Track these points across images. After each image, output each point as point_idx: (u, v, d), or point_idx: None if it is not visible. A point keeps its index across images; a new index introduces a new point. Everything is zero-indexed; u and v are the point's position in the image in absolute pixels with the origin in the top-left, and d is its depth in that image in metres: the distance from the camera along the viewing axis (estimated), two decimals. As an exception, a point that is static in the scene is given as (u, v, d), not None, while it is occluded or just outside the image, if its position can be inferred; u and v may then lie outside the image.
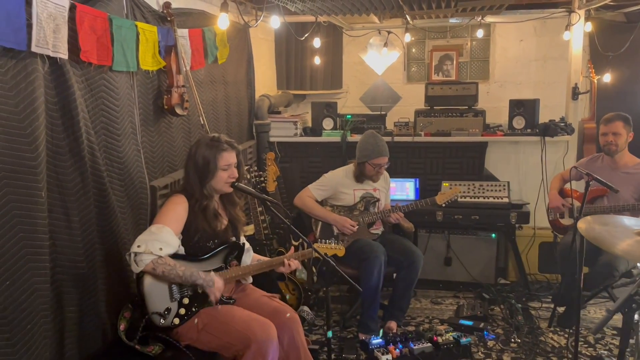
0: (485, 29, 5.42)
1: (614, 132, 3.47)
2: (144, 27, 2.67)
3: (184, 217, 2.40)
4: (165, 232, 2.30)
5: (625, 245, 2.36)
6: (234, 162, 2.50)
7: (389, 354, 3.23)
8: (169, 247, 2.29)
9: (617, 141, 3.47)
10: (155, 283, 2.32)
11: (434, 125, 4.70)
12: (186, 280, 2.32)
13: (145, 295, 2.30)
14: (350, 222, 3.65)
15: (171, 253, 2.31)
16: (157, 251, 2.23)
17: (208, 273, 2.39)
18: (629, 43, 4.45)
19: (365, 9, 3.58)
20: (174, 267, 2.28)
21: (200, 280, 2.34)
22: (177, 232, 2.37)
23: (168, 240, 2.29)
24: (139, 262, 2.21)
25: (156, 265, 2.24)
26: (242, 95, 4.40)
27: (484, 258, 4.33)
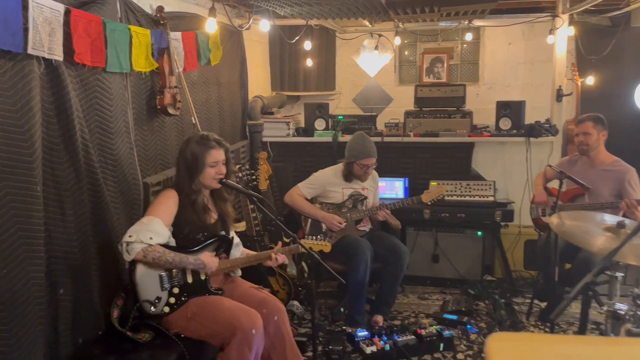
0: (475, 32, 5.55)
1: (584, 132, 3.59)
2: (137, 30, 2.79)
3: (174, 210, 2.53)
4: (155, 223, 2.43)
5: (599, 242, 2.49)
6: (222, 159, 2.62)
7: (374, 345, 3.34)
8: (159, 237, 2.42)
9: (587, 141, 3.59)
10: (146, 273, 2.44)
11: (423, 126, 4.82)
12: (176, 265, 2.45)
13: (137, 284, 2.43)
14: (338, 219, 3.76)
15: (161, 243, 2.44)
16: (148, 240, 2.37)
17: (196, 256, 2.51)
18: (612, 46, 4.57)
19: (352, 13, 3.71)
20: (163, 253, 2.41)
21: (191, 265, 2.48)
22: (167, 224, 2.49)
23: (158, 230, 2.42)
24: (130, 250, 2.34)
25: (146, 253, 2.37)
26: (236, 96, 4.52)
27: (471, 255, 4.45)
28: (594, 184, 3.55)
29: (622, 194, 3.52)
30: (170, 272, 2.50)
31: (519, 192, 4.58)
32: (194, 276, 2.56)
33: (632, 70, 4.83)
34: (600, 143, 3.62)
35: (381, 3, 3.27)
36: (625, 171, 3.54)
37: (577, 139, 3.67)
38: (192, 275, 2.55)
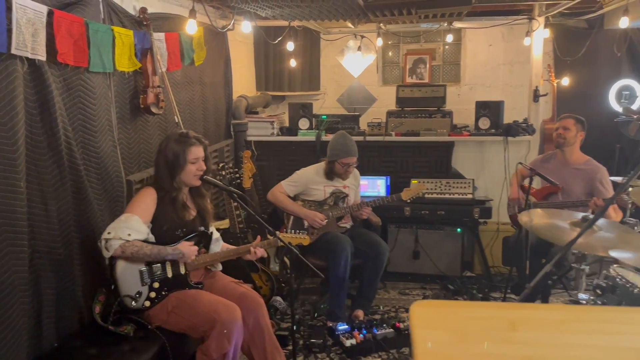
0: (456, 34, 5.67)
1: (563, 127, 3.71)
2: (120, 31, 2.86)
3: (153, 208, 2.60)
4: (133, 220, 2.50)
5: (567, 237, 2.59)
6: (202, 156, 2.70)
7: (353, 339, 3.44)
8: (137, 234, 2.49)
9: (565, 135, 3.71)
10: (127, 268, 2.51)
11: (404, 125, 4.92)
12: (154, 256, 2.52)
13: (117, 280, 2.50)
14: (319, 216, 3.84)
15: (140, 239, 2.51)
16: (126, 236, 2.44)
17: (175, 246, 2.58)
18: (586, 48, 4.70)
19: (332, 15, 3.80)
20: (141, 247, 2.48)
21: (169, 256, 2.55)
22: (145, 221, 2.56)
23: (136, 227, 2.49)
24: (109, 247, 2.42)
25: (124, 248, 2.44)
26: (220, 96, 4.59)
27: (450, 252, 4.55)
28: (567, 182, 3.68)
29: (593, 192, 3.64)
30: (151, 267, 2.57)
31: (497, 190, 4.69)
32: (174, 271, 2.63)
33: (606, 71, 4.97)
34: (577, 142, 3.74)
35: (360, 5, 3.37)
36: (596, 170, 3.66)
37: (555, 133, 3.79)
38: (172, 270, 2.62)
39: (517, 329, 0.67)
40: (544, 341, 0.65)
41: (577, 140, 3.75)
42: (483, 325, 0.68)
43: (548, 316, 0.70)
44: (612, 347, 0.62)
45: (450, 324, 0.70)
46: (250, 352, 2.72)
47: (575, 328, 0.67)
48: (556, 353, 0.64)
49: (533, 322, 0.67)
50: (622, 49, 4.70)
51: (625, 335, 0.63)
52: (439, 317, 0.71)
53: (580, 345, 0.64)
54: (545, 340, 0.65)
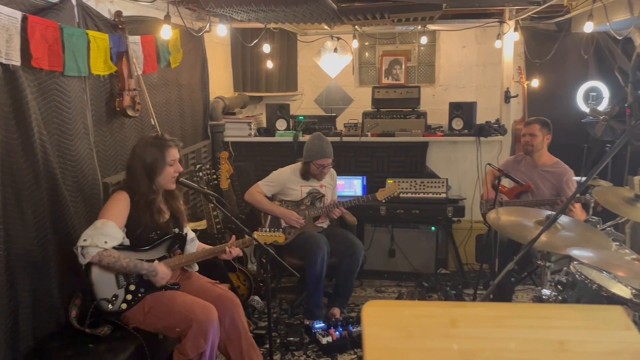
0: (430, 35, 5.77)
1: (530, 134, 3.83)
2: (95, 35, 2.88)
3: (127, 212, 2.61)
4: (109, 226, 2.51)
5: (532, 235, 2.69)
6: (178, 157, 2.73)
7: (329, 336, 3.51)
8: (113, 240, 2.51)
9: (532, 142, 3.83)
10: (102, 272, 2.53)
11: (380, 126, 5.01)
12: (130, 270, 2.54)
13: (93, 284, 2.51)
14: (296, 216, 3.90)
15: (116, 245, 2.53)
16: (103, 244, 2.45)
17: (151, 263, 2.61)
18: (555, 51, 4.84)
19: (307, 19, 3.86)
20: (118, 259, 2.50)
21: (144, 271, 2.58)
22: (120, 226, 2.58)
23: (112, 233, 2.51)
24: (85, 254, 2.43)
25: (102, 257, 2.45)
26: (197, 97, 4.62)
27: (425, 250, 4.66)
28: (536, 183, 3.81)
29: (560, 193, 3.77)
30: None
31: (471, 189, 4.81)
32: None
33: (574, 73, 5.12)
34: (544, 145, 3.86)
35: (334, 10, 3.43)
36: (564, 173, 3.79)
37: (523, 139, 3.90)
38: None
39: (457, 325, 0.75)
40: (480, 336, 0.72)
41: (545, 144, 3.87)
42: (427, 323, 0.75)
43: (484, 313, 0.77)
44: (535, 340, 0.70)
45: (398, 322, 0.77)
46: (227, 352, 2.77)
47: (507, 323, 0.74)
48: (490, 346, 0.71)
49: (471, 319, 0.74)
50: (589, 51, 4.85)
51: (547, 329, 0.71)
52: (388, 316, 0.78)
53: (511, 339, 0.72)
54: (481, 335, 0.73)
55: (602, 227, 3.18)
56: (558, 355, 0.69)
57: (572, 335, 0.72)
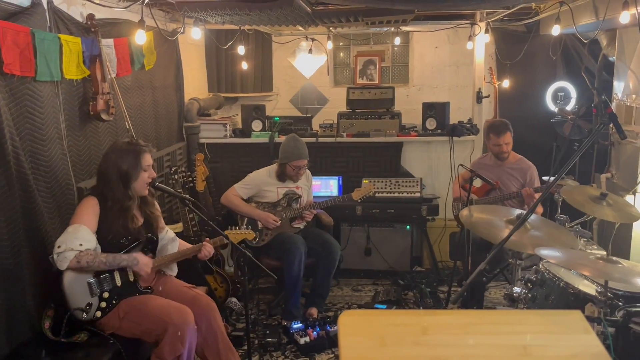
0: (404, 36, 5.84)
1: (506, 142, 3.93)
2: (67, 39, 2.86)
3: (97, 216, 2.60)
4: (82, 230, 2.50)
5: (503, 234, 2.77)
6: (152, 162, 2.73)
7: (307, 336, 3.55)
8: (88, 243, 2.50)
9: (508, 149, 3.94)
10: (74, 281, 2.50)
11: (355, 126, 5.06)
12: (111, 264, 2.54)
13: (65, 293, 2.49)
14: (273, 218, 3.93)
15: (91, 248, 2.52)
16: (77, 247, 2.44)
17: (130, 254, 2.61)
18: (524, 52, 4.96)
19: (282, 21, 3.88)
20: (96, 255, 2.50)
21: (125, 262, 2.58)
22: (93, 230, 2.56)
23: (86, 237, 2.50)
24: (62, 260, 2.41)
25: (79, 258, 2.44)
26: (171, 99, 4.60)
27: (400, 248, 4.74)
28: (503, 180, 3.93)
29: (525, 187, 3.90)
30: (99, 278, 2.57)
31: (444, 187, 4.90)
32: (122, 278, 2.65)
33: (543, 74, 5.26)
34: None
35: (309, 13, 3.46)
36: (527, 168, 3.94)
37: (498, 148, 3.94)
38: (121, 278, 2.64)
39: (428, 333, 0.79)
40: (450, 343, 0.77)
41: None
42: (399, 331, 0.79)
43: (454, 321, 0.82)
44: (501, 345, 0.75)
45: (372, 331, 0.81)
46: (204, 355, 2.78)
47: (474, 330, 0.79)
48: (459, 352, 0.75)
49: (441, 327, 0.79)
50: (557, 53, 4.98)
51: (512, 335, 0.76)
52: (363, 325, 0.81)
53: (479, 345, 0.76)
54: (451, 342, 0.77)
55: (569, 225, 3.28)
56: (522, 359, 0.74)
57: (535, 340, 0.77)
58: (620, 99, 4.22)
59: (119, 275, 2.64)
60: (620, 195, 3.98)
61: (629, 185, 4.00)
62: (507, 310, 2.21)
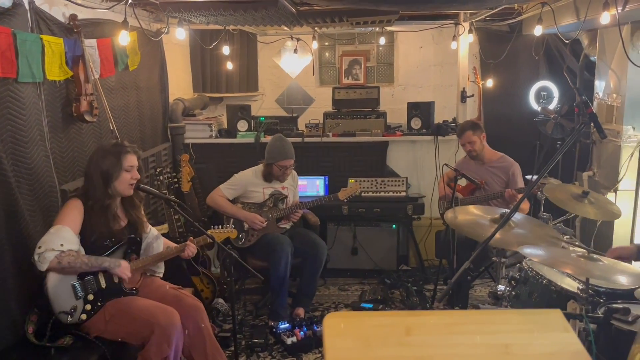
0: (388, 36, 5.87)
1: (468, 142, 3.99)
2: (49, 40, 2.83)
3: (80, 219, 2.59)
4: (64, 231, 2.49)
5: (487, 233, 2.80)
6: (137, 165, 2.72)
7: (294, 336, 3.55)
8: (69, 244, 2.48)
9: (473, 147, 4.00)
10: (58, 284, 2.48)
11: (341, 126, 5.08)
12: (92, 265, 2.52)
13: (50, 297, 2.47)
14: (259, 218, 3.92)
15: (73, 249, 2.50)
16: (59, 247, 2.42)
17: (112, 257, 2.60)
18: (507, 52, 5.02)
19: (266, 22, 3.88)
20: (77, 256, 2.48)
21: (107, 263, 2.56)
22: (75, 231, 2.55)
23: (68, 237, 2.48)
24: (43, 260, 2.39)
25: (60, 259, 2.42)
26: (156, 100, 4.57)
27: (387, 247, 4.76)
28: (486, 179, 3.97)
29: (509, 185, 3.95)
30: (83, 280, 2.55)
31: (430, 186, 4.94)
32: (107, 280, 2.64)
33: (526, 73, 5.32)
34: (484, 145, 4.03)
35: (293, 13, 3.46)
36: (509, 166, 3.98)
37: (464, 149, 4.06)
38: (106, 280, 2.63)
39: (412, 333, 0.80)
40: (432, 343, 0.78)
41: (484, 142, 4.04)
42: (383, 332, 0.80)
43: (437, 321, 0.83)
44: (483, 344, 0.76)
45: (357, 332, 0.82)
46: (191, 356, 2.77)
47: (457, 330, 0.80)
48: (442, 352, 0.77)
49: (424, 327, 0.80)
50: (539, 52, 5.04)
51: (493, 334, 0.77)
52: (347, 327, 0.82)
53: (461, 344, 0.78)
54: (434, 342, 0.78)
55: (552, 223, 3.32)
56: (503, 357, 0.75)
57: (516, 339, 0.79)
58: (601, 98, 4.29)
59: (104, 277, 2.63)
60: (602, 193, 4.05)
61: (611, 183, 4.07)
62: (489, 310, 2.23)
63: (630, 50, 3.75)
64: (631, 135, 3.89)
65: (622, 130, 3.91)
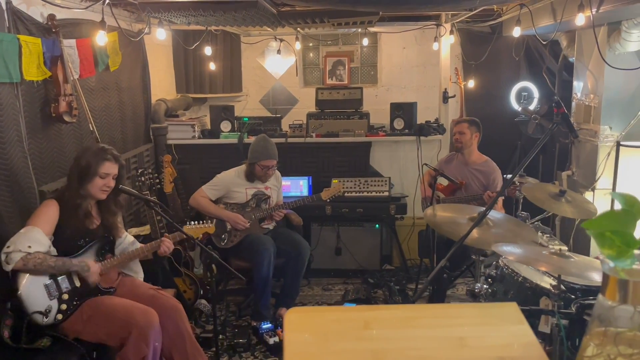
0: (372, 37, 5.90)
1: (459, 132, 4.05)
2: (26, 40, 2.81)
3: (55, 219, 2.59)
4: (34, 232, 2.48)
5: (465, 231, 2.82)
6: (114, 173, 2.72)
7: (277, 336, 3.56)
8: (38, 245, 2.47)
9: (461, 139, 4.04)
10: (30, 284, 2.46)
11: (324, 127, 5.10)
12: (59, 269, 2.51)
13: (22, 298, 2.44)
14: (242, 219, 3.93)
15: (42, 251, 2.48)
16: (26, 249, 2.41)
17: (81, 259, 2.59)
18: (488, 53, 5.07)
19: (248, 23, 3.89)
20: (44, 259, 2.46)
21: (75, 267, 2.55)
22: (47, 233, 2.54)
23: (37, 238, 2.47)
24: (9, 261, 2.38)
25: (26, 261, 2.41)
26: (138, 100, 4.55)
27: (370, 247, 4.79)
28: (467, 180, 4.01)
29: (488, 188, 3.98)
30: (56, 279, 2.54)
31: (412, 186, 4.97)
32: (82, 279, 2.63)
33: (507, 74, 5.38)
34: (473, 143, 4.06)
35: (274, 14, 3.48)
36: (492, 171, 4.02)
37: (454, 137, 4.11)
38: (80, 279, 2.62)
39: (370, 327, 0.82)
40: (389, 336, 0.80)
41: (474, 142, 4.08)
42: (342, 326, 0.82)
43: (395, 315, 0.84)
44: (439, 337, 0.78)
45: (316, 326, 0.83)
46: (172, 357, 2.76)
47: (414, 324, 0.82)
48: (398, 345, 0.78)
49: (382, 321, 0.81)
50: (520, 53, 5.10)
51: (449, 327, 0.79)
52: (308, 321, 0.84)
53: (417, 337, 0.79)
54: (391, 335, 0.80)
55: (530, 222, 3.37)
56: (458, 350, 0.77)
57: (471, 331, 0.81)
58: (580, 99, 4.35)
59: (78, 276, 2.62)
60: (580, 192, 4.11)
61: (589, 182, 4.13)
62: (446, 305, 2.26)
63: (607, 51, 3.81)
64: (608, 135, 3.95)
65: (599, 130, 3.98)
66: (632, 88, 3.88)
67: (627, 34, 3.54)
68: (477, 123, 4.06)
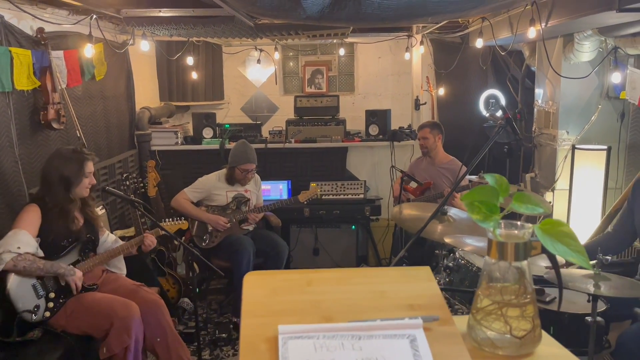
0: (348, 47, 6.16)
1: (422, 137, 4.32)
2: (17, 52, 3.00)
3: (38, 222, 2.72)
4: (21, 234, 2.61)
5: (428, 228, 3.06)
6: (93, 170, 2.91)
7: (256, 331, 3.75)
8: (27, 246, 2.60)
9: (425, 144, 4.31)
10: (19, 285, 2.60)
11: (303, 133, 5.32)
12: (47, 271, 2.65)
13: (11, 298, 2.58)
14: (222, 220, 4.12)
15: (30, 252, 2.62)
16: (16, 249, 2.54)
17: (69, 266, 2.74)
18: (457, 62, 5.36)
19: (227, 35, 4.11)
20: (33, 261, 2.60)
21: (62, 270, 2.69)
22: (33, 235, 2.67)
23: (25, 240, 2.61)
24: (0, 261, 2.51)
25: (16, 262, 2.54)
26: (123, 108, 4.74)
27: (346, 247, 5.01)
28: (435, 179, 4.26)
29: None
30: (43, 280, 2.68)
31: (387, 189, 5.21)
32: None
33: (475, 82, 5.67)
34: (438, 145, 4.33)
35: (252, 27, 3.70)
36: (456, 169, 4.27)
37: (419, 143, 4.37)
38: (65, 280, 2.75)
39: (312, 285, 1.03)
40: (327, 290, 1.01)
41: (438, 144, 4.34)
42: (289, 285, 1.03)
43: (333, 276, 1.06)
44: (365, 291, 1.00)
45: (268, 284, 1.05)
46: (154, 350, 2.91)
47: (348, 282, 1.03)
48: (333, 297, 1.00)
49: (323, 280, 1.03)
50: (487, 62, 5.40)
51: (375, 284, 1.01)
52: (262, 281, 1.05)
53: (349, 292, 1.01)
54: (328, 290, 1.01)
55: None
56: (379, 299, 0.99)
57: (390, 287, 1.02)
58: (540, 105, 4.64)
59: None
60: (542, 192, 4.40)
61: (549, 184, 4.41)
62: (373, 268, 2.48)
63: (563, 61, 4.10)
64: (565, 139, 4.24)
65: (557, 135, 4.26)
66: (586, 95, 4.18)
67: (580, 45, 3.84)
68: (438, 125, 4.33)
